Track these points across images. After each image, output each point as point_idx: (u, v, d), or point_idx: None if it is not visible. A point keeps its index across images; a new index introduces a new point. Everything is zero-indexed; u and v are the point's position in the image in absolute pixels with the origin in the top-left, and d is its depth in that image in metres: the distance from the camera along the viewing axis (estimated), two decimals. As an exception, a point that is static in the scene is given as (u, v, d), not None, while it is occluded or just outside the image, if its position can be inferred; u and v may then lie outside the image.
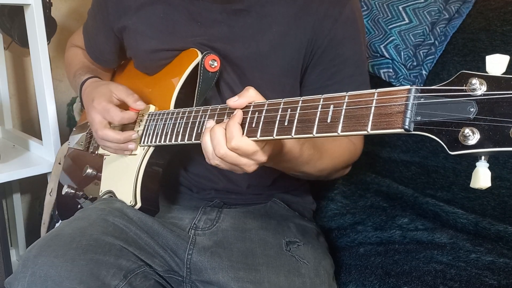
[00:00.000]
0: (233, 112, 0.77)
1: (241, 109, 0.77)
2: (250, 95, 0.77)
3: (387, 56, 1.43)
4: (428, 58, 1.40)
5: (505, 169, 1.17)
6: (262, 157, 0.76)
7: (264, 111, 0.74)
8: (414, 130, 0.55)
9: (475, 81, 0.50)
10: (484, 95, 0.50)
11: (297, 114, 0.69)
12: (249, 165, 0.77)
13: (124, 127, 1.06)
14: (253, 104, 0.76)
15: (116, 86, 1.03)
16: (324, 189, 1.39)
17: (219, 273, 0.93)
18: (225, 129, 0.75)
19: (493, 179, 0.52)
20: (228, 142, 0.74)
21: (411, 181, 1.34)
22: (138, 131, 1.03)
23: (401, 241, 1.15)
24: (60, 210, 1.25)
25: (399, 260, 1.07)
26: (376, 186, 1.35)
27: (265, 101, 0.76)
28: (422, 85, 1.40)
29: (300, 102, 0.70)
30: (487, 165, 0.52)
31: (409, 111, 0.55)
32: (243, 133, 0.74)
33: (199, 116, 0.87)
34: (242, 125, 0.75)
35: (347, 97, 0.64)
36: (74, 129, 1.36)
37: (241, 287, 0.91)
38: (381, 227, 1.21)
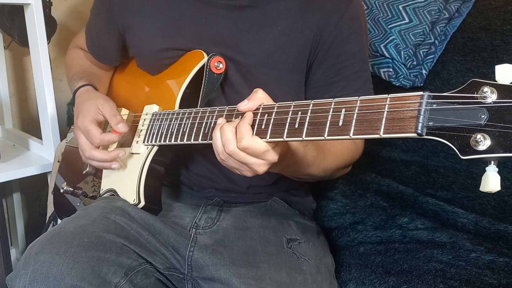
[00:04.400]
0: (241, 113, 0.78)
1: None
2: (260, 97, 0.77)
3: (387, 55, 1.43)
4: (428, 57, 1.40)
5: (505, 169, 1.18)
6: (273, 157, 0.76)
7: (274, 113, 0.74)
8: (426, 135, 0.56)
9: (486, 89, 0.52)
10: (495, 102, 0.52)
11: (307, 117, 0.70)
12: (259, 165, 0.77)
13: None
14: (262, 106, 0.77)
15: (103, 104, 1.04)
16: (324, 188, 1.39)
17: (220, 270, 0.94)
18: (236, 129, 0.76)
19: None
20: (238, 142, 0.75)
21: (411, 180, 1.35)
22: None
23: (401, 240, 1.16)
24: (58, 208, 1.25)
25: (399, 259, 1.07)
26: (376, 185, 1.36)
27: (275, 103, 0.76)
28: (422, 84, 1.41)
29: (311, 105, 0.71)
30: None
31: (421, 116, 0.56)
32: (253, 134, 0.75)
33: (205, 117, 0.88)
34: (252, 126, 0.75)
35: (359, 101, 0.65)
36: (72, 126, 1.35)
37: (243, 283, 0.91)
38: (381, 227, 1.21)
